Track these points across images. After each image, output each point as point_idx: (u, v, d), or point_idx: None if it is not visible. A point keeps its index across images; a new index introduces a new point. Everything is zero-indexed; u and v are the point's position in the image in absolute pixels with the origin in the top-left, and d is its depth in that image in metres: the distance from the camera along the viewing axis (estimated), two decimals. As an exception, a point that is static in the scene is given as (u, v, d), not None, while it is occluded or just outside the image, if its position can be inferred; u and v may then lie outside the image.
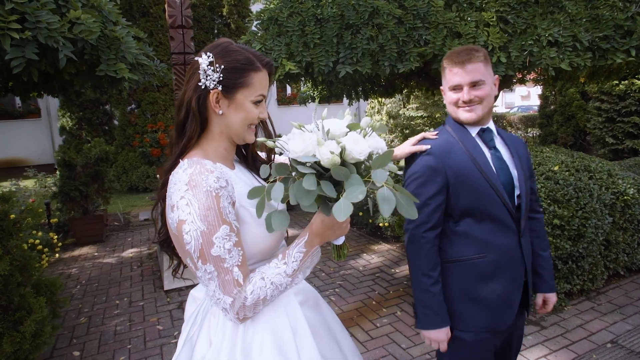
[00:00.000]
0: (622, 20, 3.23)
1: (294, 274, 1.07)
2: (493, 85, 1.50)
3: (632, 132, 8.70)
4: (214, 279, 1.00)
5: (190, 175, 1.00)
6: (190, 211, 0.98)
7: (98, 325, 3.58)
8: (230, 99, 1.10)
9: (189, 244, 0.99)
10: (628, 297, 3.62)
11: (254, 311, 1.05)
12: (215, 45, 1.11)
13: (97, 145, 6.14)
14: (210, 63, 1.07)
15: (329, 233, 1.10)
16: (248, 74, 1.10)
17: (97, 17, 2.37)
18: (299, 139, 0.99)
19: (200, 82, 1.08)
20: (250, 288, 1.02)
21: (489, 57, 1.50)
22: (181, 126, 1.12)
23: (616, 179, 3.55)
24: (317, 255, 1.12)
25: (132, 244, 5.93)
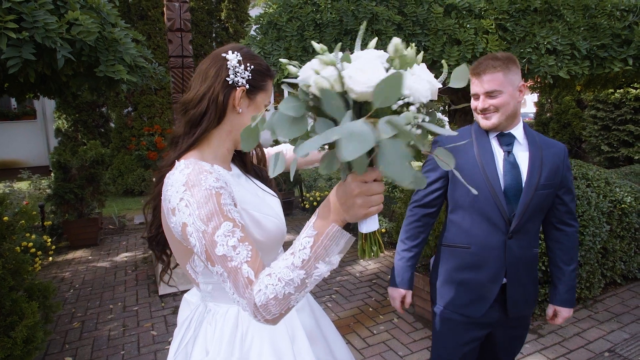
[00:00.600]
0: (619, 29, 3.24)
1: (305, 265, 0.85)
2: (517, 92, 1.55)
3: (627, 140, 8.76)
4: (226, 281, 0.91)
5: (188, 176, 0.97)
6: (190, 212, 0.93)
7: (91, 331, 3.52)
8: (251, 99, 1.13)
9: (195, 247, 0.94)
10: (625, 305, 3.62)
11: (271, 313, 0.87)
12: (238, 47, 1.13)
13: (93, 148, 6.09)
14: (239, 61, 1.09)
15: (350, 203, 0.82)
16: (268, 80, 1.15)
17: (96, 18, 2.35)
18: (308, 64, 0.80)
19: (229, 77, 1.08)
20: (257, 287, 0.87)
21: (513, 63, 1.54)
22: (197, 119, 1.08)
23: (614, 187, 3.56)
24: (341, 237, 0.85)
25: (126, 248, 5.87)
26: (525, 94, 1.61)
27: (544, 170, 1.56)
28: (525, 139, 1.63)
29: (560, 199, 1.63)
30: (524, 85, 1.57)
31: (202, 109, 1.07)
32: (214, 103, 1.07)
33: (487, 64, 1.52)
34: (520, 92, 1.57)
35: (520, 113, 1.63)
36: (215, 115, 1.08)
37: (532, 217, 1.59)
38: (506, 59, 1.53)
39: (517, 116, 1.61)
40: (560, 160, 1.61)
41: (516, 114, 1.60)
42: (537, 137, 1.64)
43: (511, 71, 1.53)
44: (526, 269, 1.65)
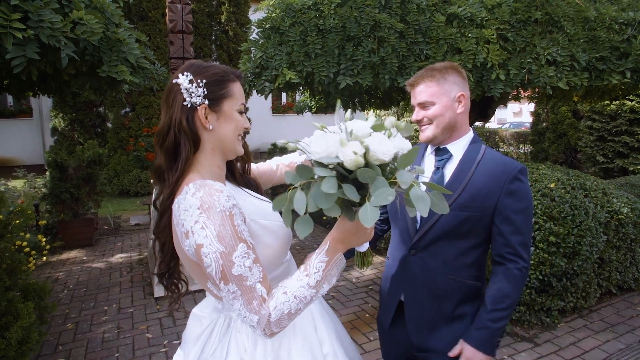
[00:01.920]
0: (618, 42, 3.29)
1: (317, 285, 1.04)
2: (454, 103, 1.45)
3: (623, 152, 8.84)
4: (238, 299, 0.99)
5: (202, 199, 0.99)
6: (207, 234, 0.98)
7: (85, 332, 3.49)
8: (217, 111, 1.12)
9: (210, 266, 0.98)
10: (620, 315, 3.63)
11: (280, 326, 1.02)
12: (188, 65, 1.13)
13: (91, 148, 6.07)
14: (191, 81, 1.09)
15: (353, 239, 1.08)
16: (228, 85, 1.13)
17: (100, 18, 2.35)
18: (321, 139, 0.96)
19: (185, 101, 1.09)
20: (273, 304, 1.00)
21: (452, 73, 1.45)
22: (172, 151, 1.10)
23: (611, 198, 3.59)
24: (342, 263, 1.09)
25: (122, 249, 5.83)
26: (465, 105, 1.47)
27: (467, 191, 1.41)
28: (463, 155, 1.48)
29: (498, 229, 1.42)
30: (463, 95, 1.46)
31: (171, 138, 1.09)
32: (180, 130, 1.08)
33: (421, 74, 1.46)
34: (460, 103, 1.46)
35: (464, 125, 1.51)
36: (188, 141, 1.09)
37: (442, 238, 1.44)
38: (444, 69, 1.45)
39: (457, 129, 1.48)
40: (499, 184, 1.40)
41: (455, 126, 1.48)
42: (482, 155, 1.47)
43: (448, 81, 1.44)
44: (431, 294, 1.49)
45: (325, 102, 5.51)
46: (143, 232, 6.66)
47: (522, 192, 1.41)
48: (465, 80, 1.49)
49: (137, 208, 8.47)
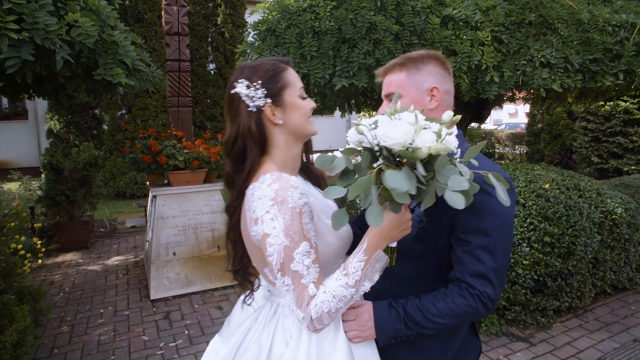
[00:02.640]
0: (611, 44, 3.32)
1: (356, 284, 1.04)
2: (424, 97, 1.25)
3: (617, 152, 8.91)
4: (290, 292, 1.05)
5: (276, 191, 1.04)
6: (275, 226, 1.02)
7: (81, 335, 3.48)
8: (281, 105, 1.15)
9: (272, 256, 1.04)
10: (614, 315, 3.66)
11: (322, 323, 1.05)
12: (239, 71, 1.16)
13: (86, 150, 6.05)
14: (247, 86, 1.13)
15: (395, 233, 1.07)
16: (282, 75, 1.16)
17: (96, 20, 2.35)
18: (391, 125, 0.93)
19: (249, 107, 1.13)
20: (313, 302, 1.03)
21: (428, 63, 1.27)
22: (240, 157, 1.15)
23: (605, 198, 3.61)
24: (383, 259, 1.07)
25: (117, 251, 5.81)
26: (440, 99, 1.27)
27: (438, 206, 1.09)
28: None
29: (452, 247, 1.16)
30: (436, 88, 1.25)
31: (239, 145, 1.14)
32: (248, 136, 1.13)
33: (393, 62, 1.30)
34: (433, 97, 1.25)
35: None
36: (256, 145, 1.14)
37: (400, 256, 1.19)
38: (420, 58, 1.27)
39: None
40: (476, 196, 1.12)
41: None
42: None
43: (421, 72, 1.25)
44: None
45: (321, 103, 5.52)
46: (139, 235, 6.64)
47: (487, 208, 1.09)
48: (447, 72, 1.29)
49: (133, 210, 8.45)
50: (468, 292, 1.10)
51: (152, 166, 4.39)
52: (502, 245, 1.10)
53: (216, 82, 11.64)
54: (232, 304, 4.01)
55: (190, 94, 5.07)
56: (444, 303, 1.11)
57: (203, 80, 11.37)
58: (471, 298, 1.09)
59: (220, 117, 11.75)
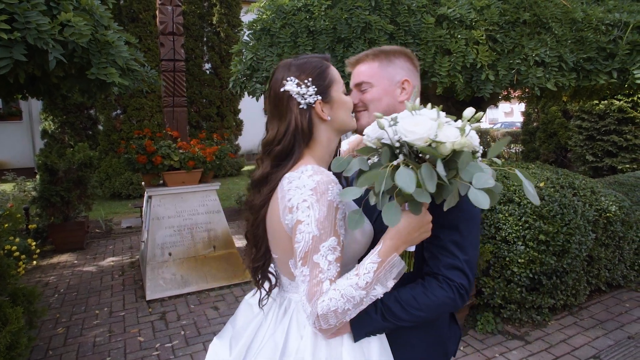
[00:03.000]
0: (605, 43, 3.33)
1: (367, 287, 1.01)
2: (396, 89, 1.26)
3: (611, 151, 8.95)
4: (305, 283, 1.03)
5: (318, 183, 1.04)
6: (310, 214, 1.02)
7: (76, 336, 3.46)
8: (329, 101, 1.17)
9: (299, 243, 1.04)
10: (609, 312, 3.68)
11: (328, 323, 1.02)
12: (285, 69, 1.17)
13: (81, 150, 6.02)
14: (298, 84, 1.13)
15: (415, 236, 1.05)
16: (328, 72, 1.18)
17: (89, 20, 2.33)
18: (412, 120, 0.92)
19: (301, 104, 1.14)
20: (322, 298, 1.02)
21: (400, 57, 1.28)
22: (284, 154, 1.14)
23: (599, 196, 3.63)
24: (399, 265, 1.04)
25: (113, 252, 5.79)
26: (410, 93, 1.27)
27: None
28: None
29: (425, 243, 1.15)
30: (407, 81, 1.27)
31: (287, 144, 1.13)
32: (300, 132, 1.13)
33: (364, 53, 1.31)
34: (404, 90, 1.26)
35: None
36: (304, 141, 1.14)
37: None
38: (392, 52, 1.28)
39: None
40: None
41: None
42: None
43: (392, 64, 1.26)
44: None
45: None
46: (135, 235, 6.62)
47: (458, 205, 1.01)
48: (416, 69, 1.32)
49: (128, 211, 8.42)
50: (447, 284, 1.12)
51: (147, 166, 4.37)
52: (472, 238, 1.13)
53: (212, 81, 11.61)
54: (229, 304, 4.01)
55: (185, 94, 5.06)
56: (424, 296, 1.11)
57: (199, 80, 11.34)
58: (450, 290, 1.11)
59: (216, 117, 11.72)
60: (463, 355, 3.04)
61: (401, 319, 1.10)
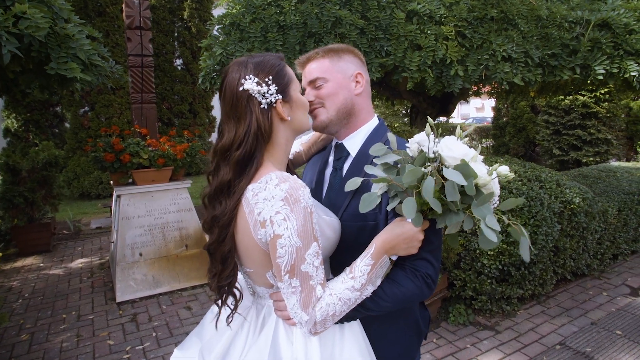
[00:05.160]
0: (568, 39, 3.43)
1: (362, 288, 1.05)
2: (350, 82, 1.27)
3: (576, 145, 9.27)
4: (296, 294, 1.02)
5: (287, 191, 1.00)
6: (288, 226, 0.99)
7: (41, 343, 3.33)
8: (289, 101, 1.13)
9: (282, 257, 1.00)
10: (574, 300, 3.81)
11: (325, 326, 1.05)
12: (241, 67, 1.09)
13: (46, 149, 5.80)
14: (258, 83, 1.08)
15: (403, 247, 1.08)
16: (285, 71, 1.14)
17: (47, 12, 2.22)
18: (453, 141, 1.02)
19: (262, 104, 1.08)
20: (319, 305, 1.02)
21: (348, 54, 1.30)
22: (246, 159, 1.07)
23: (564, 189, 3.74)
24: (386, 265, 1.09)
25: (82, 254, 5.61)
26: (364, 86, 1.29)
27: (356, 198, 1.17)
28: (360, 149, 1.28)
29: None
30: (360, 74, 1.28)
31: (249, 147, 1.06)
32: (261, 133, 1.08)
33: (314, 51, 1.30)
34: (358, 83, 1.28)
35: (364, 111, 1.31)
36: (265, 143, 1.09)
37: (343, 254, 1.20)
38: (339, 49, 1.30)
39: (354, 114, 1.28)
40: None
41: (352, 111, 1.28)
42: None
43: (343, 59, 1.28)
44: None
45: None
46: (105, 236, 6.43)
47: None
48: (363, 64, 1.33)
49: (98, 211, 8.17)
50: (413, 274, 1.14)
51: (115, 165, 4.24)
52: (435, 228, 1.13)
53: (183, 77, 11.38)
54: (202, 303, 3.95)
55: (154, 90, 4.93)
56: (392, 286, 1.12)
57: (170, 76, 11.10)
58: (417, 279, 1.14)
59: (188, 114, 11.50)
60: (436, 347, 3.09)
61: (370, 309, 1.12)
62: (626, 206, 4.51)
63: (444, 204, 0.97)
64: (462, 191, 0.96)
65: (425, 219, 1.07)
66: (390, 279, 1.13)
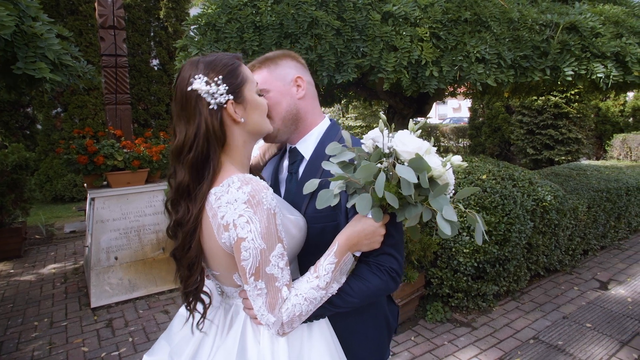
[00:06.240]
0: (538, 42, 3.52)
1: (327, 286, 1.06)
2: (291, 87, 1.27)
3: (549, 144, 9.53)
4: (262, 296, 1.02)
5: (250, 194, 0.98)
6: (251, 229, 0.98)
7: (11, 352, 3.22)
8: (242, 102, 1.09)
9: (246, 260, 1.00)
10: (547, 295, 3.92)
11: (292, 327, 1.06)
12: (192, 66, 1.07)
13: (16, 151, 5.62)
14: (207, 82, 1.04)
15: (365, 243, 1.09)
16: (240, 70, 1.10)
17: (12, 10, 2.15)
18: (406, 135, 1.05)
19: (211, 105, 1.05)
20: (285, 306, 1.03)
21: (284, 59, 1.30)
22: (201, 162, 1.04)
23: (536, 187, 3.85)
24: (350, 262, 1.10)
25: (55, 259, 5.45)
26: (306, 89, 1.29)
27: (315, 199, 1.15)
28: (313, 151, 1.27)
29: None
30: (300, 77, 1.28)
31: (199, 149, 1.04)
32: (211, 137, 1.04)
33: (252, 63, 1.30)
34: (299, 87, 1.27)
35: (311, 114, 1.30)
36: (219, 146, 1.06)
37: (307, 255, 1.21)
38: (276, 56, 1.29)
39: (301, 118, 1.28)
40: None
41: (298, 116, 1.27)
42: None
43: (280, 66, 1.28)
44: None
45: (268, 100, 5.46)
46: (79, 240, 6.27)
47: None
48: (303, 67, 1.32)
49: (72, 214, 7.96)
50: (378, 269, 1.16)
51: (89, 167, 4.14)
52: (395, 223, 1.15)
53: (160, 78, 11.19)
54: (179, 307, 3.88)
55: (128, 91, 4.83)
56: (358, 282, 1.14)
57: (146, 77, 10.89)
58: (381, 274, 1.16)
59: (166, 115, 11.32)
60: (414, 345, 3.13)
61: (338, 306, 1.13)
62: (595, 203, 4.66)
63: (401, 198, 0.99)
64: (417, 184, 0.97)
65: (386, 213, 1.09)
66: (356, 275, 1.15)
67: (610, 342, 3.12)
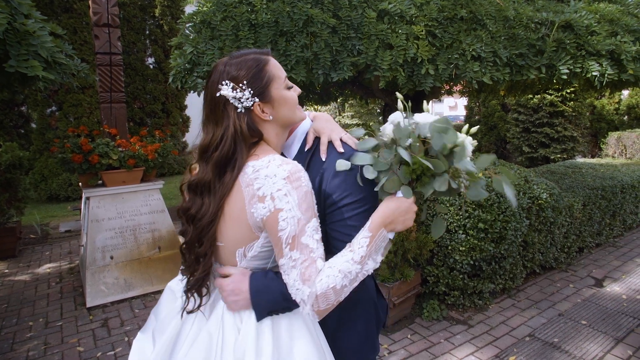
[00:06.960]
0: (534, 40, 3.53)
1: (362, 261, 1.05)
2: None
3: (545, 142, 9.56)
4: (297, 267, 1.03)
5: (290, 171, 1.04)
6: (289, 200, 1.02)
7: (5, 353, 3.20)
8: (269, 101, 1.13)
9: (284, 230, 1.02)
10: (543, 292, 3.94)
11: (327, 302, 1.03)
12: (220, 71, 1.12)
13: (9, 150, 5.57)
14: (233, 88, 1.09)
15: (400, 220, 1.10)
16: (265, 71, 1.13)
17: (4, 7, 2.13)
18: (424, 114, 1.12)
19: (238, 109, 1.10)
20: (319, 277, 1.02)
21: None
22: (224, 160, 1.09)
23: (532, 185, 3.86)
24: (385, 240, 1.09)
25: (50, 259, 5.42)
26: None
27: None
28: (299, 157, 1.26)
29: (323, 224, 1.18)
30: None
31: (227, 149, 1.09)
32: (240, 136, 1.10)
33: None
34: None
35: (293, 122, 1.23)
36: (246, 146, 1.11)
37: None
38: None
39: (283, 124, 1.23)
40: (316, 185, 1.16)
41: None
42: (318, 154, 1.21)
43: None
44: None
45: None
46: (74, 239, 6.24)
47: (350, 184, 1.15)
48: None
49: (67, 214, 7.92)
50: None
51: (84, 166, 4.12)
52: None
53: (155, 76, 11.14)
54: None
55: (123, 89, 4.80)
56: None
57: (142, 75, 10.84)
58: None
59: (161, 113, 11.28)
60: (410, 343, 3.13)
61: None
62: (590, 201, 4.68)
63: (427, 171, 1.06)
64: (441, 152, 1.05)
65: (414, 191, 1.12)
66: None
67: (605, 339, 3.13)
